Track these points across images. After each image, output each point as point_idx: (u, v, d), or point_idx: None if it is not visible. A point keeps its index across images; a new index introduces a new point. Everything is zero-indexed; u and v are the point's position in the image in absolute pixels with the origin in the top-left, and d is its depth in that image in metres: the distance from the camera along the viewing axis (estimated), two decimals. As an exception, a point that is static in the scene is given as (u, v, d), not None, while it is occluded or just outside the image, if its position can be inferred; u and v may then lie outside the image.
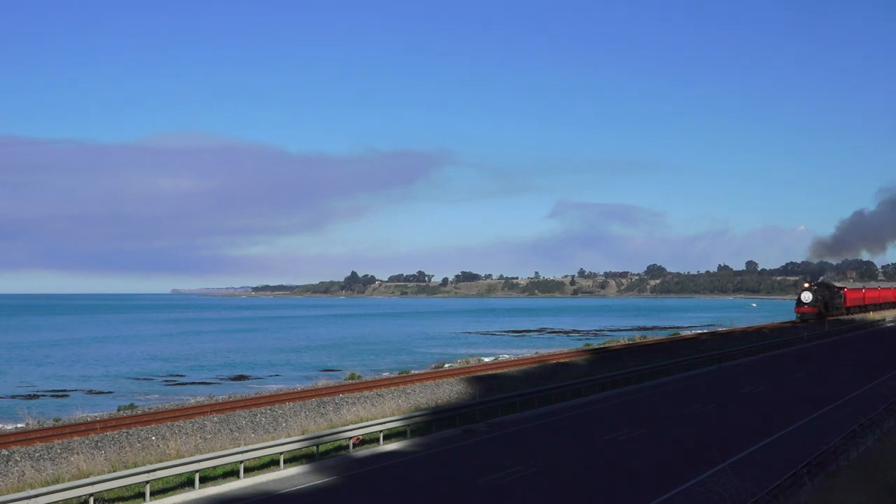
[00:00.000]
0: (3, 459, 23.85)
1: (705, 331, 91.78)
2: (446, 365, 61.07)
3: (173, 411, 32.44)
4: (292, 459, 26.34)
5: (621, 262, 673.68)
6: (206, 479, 23.72)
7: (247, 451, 24.61)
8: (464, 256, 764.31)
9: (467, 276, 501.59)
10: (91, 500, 20.90)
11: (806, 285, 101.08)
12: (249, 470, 24.90)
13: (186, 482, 23.45)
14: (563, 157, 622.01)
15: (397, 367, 65.97)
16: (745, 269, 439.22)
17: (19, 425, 32.27)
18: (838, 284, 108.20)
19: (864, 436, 26.98)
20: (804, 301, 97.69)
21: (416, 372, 53.51)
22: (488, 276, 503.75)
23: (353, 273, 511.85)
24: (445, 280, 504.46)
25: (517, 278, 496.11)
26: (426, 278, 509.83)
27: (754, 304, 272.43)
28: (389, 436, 29.68)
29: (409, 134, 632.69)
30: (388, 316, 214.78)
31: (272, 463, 25.78)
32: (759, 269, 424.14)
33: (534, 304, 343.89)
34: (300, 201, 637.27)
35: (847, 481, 21.94)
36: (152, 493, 22.21)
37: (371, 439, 29.03)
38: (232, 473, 24.52)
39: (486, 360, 63.37)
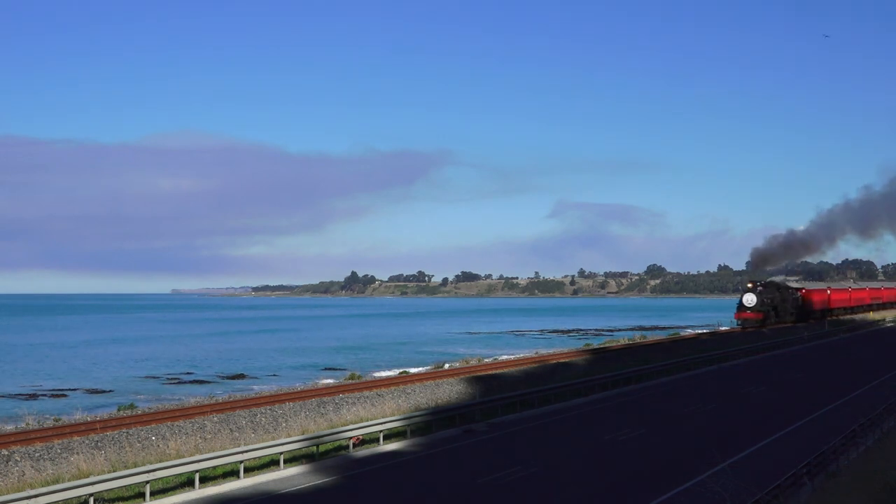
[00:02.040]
0: (3, 459, 23.85)
1: (705, 331, 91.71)
2: (446, 365, 61.01)
3: (173, 411, 32.45)
4: (292, 459, 26.33)
5: (621, 262, 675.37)
6: (206, 479, 23.72)
7: (247, 451, 24.61)
8: (464, 256, 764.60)
9: (467, 276, 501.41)
10: (91, 500, 20.90)
11: (749, 285, 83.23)
12: (249, 470, 24.90)
13: (186, 482, 23.45)
14: (563, 157, 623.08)
15: (397, 367, 65.96)
16: (745, 269, 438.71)
17: (19, 425, 32.26)
18: (794, 285, 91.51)
19: (864, 436, 26.99)
20: (746, 305, 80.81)
21: (416, 372, 53.52)
22: (488, 276, 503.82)
23: (353, 273, 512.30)
24: (445, 280, 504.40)
25: (517, 278, 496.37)
26: (426, 278, 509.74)
27: None
28: (389, 436, 29.68)
29: (409, 134, 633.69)
30: (389, 316, 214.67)
31: (272, 463, 25.78)
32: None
33: (534, 304, 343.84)
34: (300, 201, 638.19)
35: (847, 481, 21.94)
36: (152, 493, 22.21)
37: (371, 439, 29.02)
38: (232, 473, 24.52)
39: (487, 360, 63.43)
